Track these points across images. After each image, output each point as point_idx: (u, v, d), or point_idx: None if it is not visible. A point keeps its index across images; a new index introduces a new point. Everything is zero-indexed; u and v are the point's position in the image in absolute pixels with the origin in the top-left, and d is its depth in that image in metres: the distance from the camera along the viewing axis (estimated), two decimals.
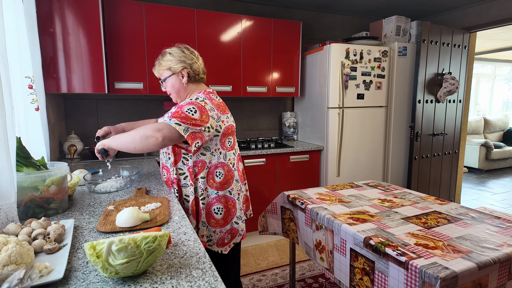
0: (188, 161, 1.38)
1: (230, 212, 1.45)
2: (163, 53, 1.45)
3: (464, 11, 3.38)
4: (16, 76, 1.52)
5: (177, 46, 1.46)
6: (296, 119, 3.42)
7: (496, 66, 7.36)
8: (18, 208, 1.04)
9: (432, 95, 3.20)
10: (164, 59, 1.43)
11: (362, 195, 1.79)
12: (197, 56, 1.48)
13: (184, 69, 1.42)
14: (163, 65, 1.43)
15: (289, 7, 3.35)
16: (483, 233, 1.27)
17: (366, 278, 1.24)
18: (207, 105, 1.34)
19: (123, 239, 0.69)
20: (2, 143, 0.95)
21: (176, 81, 1.44)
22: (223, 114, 1.42)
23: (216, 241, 1.43)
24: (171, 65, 1.42)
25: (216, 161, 1.40)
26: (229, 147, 1.46)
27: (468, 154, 5.78)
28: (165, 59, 1.43)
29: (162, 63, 1.44)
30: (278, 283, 2.21)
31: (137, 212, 1.01)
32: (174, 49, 1.44)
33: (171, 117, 1.26)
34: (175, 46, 1.46)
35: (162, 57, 1.44)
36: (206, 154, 1.38)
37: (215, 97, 1.44)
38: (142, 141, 1.23)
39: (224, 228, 1.44)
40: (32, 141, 1.68)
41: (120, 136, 1.30)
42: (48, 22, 2.09)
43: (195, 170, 1.39)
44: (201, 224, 1.40)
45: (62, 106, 2.57)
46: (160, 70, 1.46)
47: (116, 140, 1.30)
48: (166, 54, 1.44)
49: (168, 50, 1.45)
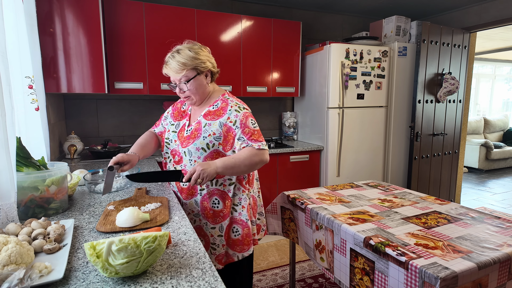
0: None
1: (254, 210, 1.48)
2: (181, 51, 1.29)
3: (464, 11, 3.38)
4: (16, 76, 1.52)
5: (192, 43, 1.34)
6: (296, 119, 3.42)
7: (496, 66, 7.36)
8: (18, 208, 1.04)
9: (432, 95, 3.20)
10: (188, 58, 1.27)
11: (362, 195, 1.79)
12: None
13: (209, 68, 1.35)
14: (188, 65, 1.27)
15: (289, 7, 3.35)
16: (483, 233, 1.27)
17: (366, 278, 1.24)
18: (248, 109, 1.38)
19: (123, 239, 0.69)
20: (2, 143, 0.95)
21: (202, 81, 1.33)
22: None
23: None
24: (198, 65, 1.29)
25: None
26: None
27: (468, 154, 5.78)
28: (189, 58, 1.27)
29: (186, 62, 1.27)
30: (278, 283, 2.21)
31: (137, 212, 1.02)
32: (196, 47, 1.32)
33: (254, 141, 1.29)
34: (189, 43, 1.34)
35: (183, 56, 1.28)
36: None
37: None
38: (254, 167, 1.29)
39: None
40: (32, 141, 1.68)
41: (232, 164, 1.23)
42: (48, 22, 2.09)
43: (245, 176, 1.40)
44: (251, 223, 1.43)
45: (62, 106, 2.57)
46: (184, 70, 1.28)
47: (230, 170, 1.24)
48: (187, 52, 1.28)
49: (186, 47, 1.31)
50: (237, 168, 1.25)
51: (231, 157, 1.26)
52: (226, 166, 1.22)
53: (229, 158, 1.25)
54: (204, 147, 1.30)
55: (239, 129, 1.30)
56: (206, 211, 1.35)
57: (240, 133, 1.30)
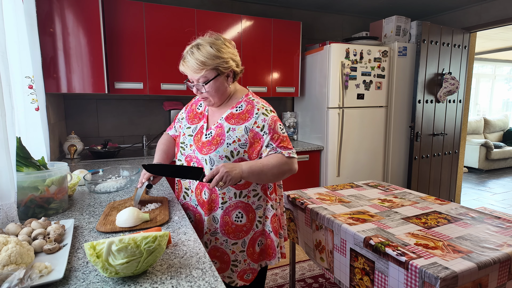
0: None
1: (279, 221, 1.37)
2: (201, 46, 1.12)
3: (464, 11, 3.38)
4: (16, 76, 1.52)
5: (215, 37, 1.17)
6: (296, 119, 3.42)
7: (496, 66, 7.36)
8: (18, 208, 1.04)
9: (432, 95, 3.20)
10: (209, 56, 1.11)
11: (362, 195, 1.79)
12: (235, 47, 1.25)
13: (232, 68, 1.18)
14: (208, 64, 1.11)
15: (289, 7, 3.35)
16: (483, 233, 1.27)
17: (366, 278, 1.24)
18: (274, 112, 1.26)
19: (123, 239, 0.69)
20: (2, 143, 0.95)
21: (222, 83, 1.18)
22: None
23: None
24: (219, 64, 1.13)
25: None
26: None
27: (468, 154, 5.78)
28: (210, 56, 1.11)
29: (206, 61, 1.11)
30: (278, 283, 2.21)
31: (137, 212, 1.02)
32: (219, 42, 1.15)
33: (283, 148, 1.18)
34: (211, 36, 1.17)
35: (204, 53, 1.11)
36: None
37: None
38: (281, 177, 1.19)
39: None
40: (32, 141, 1.68)
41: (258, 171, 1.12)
42: (48, 22, 2.09)
43: (270, 186, 1.28)
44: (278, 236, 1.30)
45: (62, 106, 2.57)
46: (202, 70, 1.12)
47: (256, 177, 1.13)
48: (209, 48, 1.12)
49: (208, 42, 1.14)
50: (263, 176, 1.13)
51: (258, 161, 1.14)
52: (253, 171, 1.10)
53: (256, 163, 1.13)
54: (228, 155, 1.15)
55: (267, 135, 1.17)
56: (228, 227, 1.20)
57: (269, 139, 1.17)
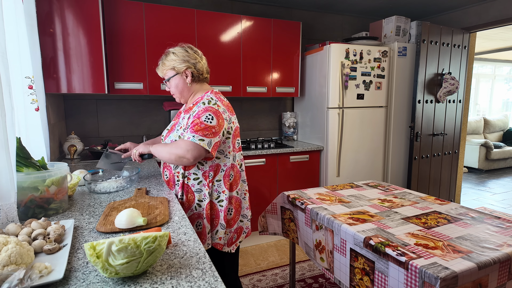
0: (203, 166, 1.38)
1: (237, 211, 1.48)
2: (167, 53, 1.43)
3: (464, 11, 3.38)
4: (16, 76, 1.52)
5: (181, 46, 1.44)
6: (296, 119, 3.42)
7: (496, 66, 7.36)
8: (18, 208, 1.04)
9: (432, 95, 3.20)
10: (168, 59, 1.41)
11: (362, 195, 1.79)
12: (201, 55, 1.46)
13: (188, 68, 1.40)
14: (166, 65, 1.41)
15: (289, 7, 3.36)
16: (483, 233, 1.27)
17: (366, 278, 1.24)
18: (220, 107, 1.35)
19: (123, 239, 0.69)
20: (2, 143, 0.95)
21: (180, 81, 1.42)
22: (232, 115, 1.43)
23: (226, 242, 1.45)
24: (175, 65, 1.40)
25: (229, 163, 1.42)
26: (238, 148, 1.48)
27: (468, 154, 5.78)
28: (169, 59, 1.41)
29: (165, 62, 1.42)
30: (278, 283, 2.21)
31: (137, 213, 1.01)
32: (178, 48, 1.42)
33: (193, 132, 1.27)
34: (179, 46, 1.44)
35: (166, 57, 1.42)
36: (220, 158, 1.40)
37: (224, 98, 1.44)
38: (177, 160, 1.29)
39: (233, 228, 1.47)
40: (32, 141, 1.68)
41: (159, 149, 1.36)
42: (48, 22, 2.09)
43: (211, 174, 1.39)
44: (220, 227, 1.41)
45: (62, 106, 2.57)
46: (164, 70, 1.44)
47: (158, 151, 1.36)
48: (169, 54, 1.42)
49: (172, 49, 1.43)
50: (160, 153, 1.34)
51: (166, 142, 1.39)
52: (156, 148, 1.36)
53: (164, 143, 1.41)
54: (177, 139, 1.37)
55: (191, 119, 1.33)
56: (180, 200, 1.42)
57: (190, 122, 1.32)
